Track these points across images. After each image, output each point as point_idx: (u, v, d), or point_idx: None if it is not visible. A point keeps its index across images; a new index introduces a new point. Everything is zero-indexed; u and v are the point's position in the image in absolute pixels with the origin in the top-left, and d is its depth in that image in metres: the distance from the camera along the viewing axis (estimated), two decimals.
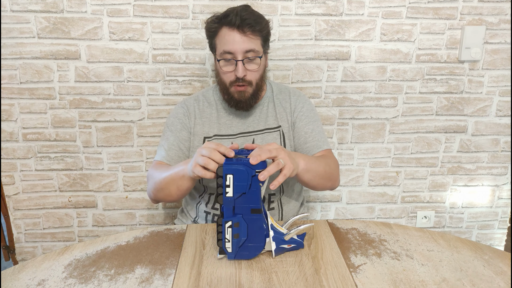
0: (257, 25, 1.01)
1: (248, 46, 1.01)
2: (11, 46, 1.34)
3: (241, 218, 0.78)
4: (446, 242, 0.87)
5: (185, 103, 1.16)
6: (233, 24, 1.00)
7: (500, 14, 1.40)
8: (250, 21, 1.00)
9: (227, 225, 0.77)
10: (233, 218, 0.77)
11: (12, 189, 1.47)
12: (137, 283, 0.74)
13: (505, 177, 1.57)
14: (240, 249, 0.79)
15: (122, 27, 1.35)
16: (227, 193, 0.76)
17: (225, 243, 0.78)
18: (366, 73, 1.44)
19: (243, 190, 0.76)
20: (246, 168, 0.75)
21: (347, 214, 1.60)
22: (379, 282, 0.73)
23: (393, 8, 1.38)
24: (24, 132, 1.42)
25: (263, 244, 0.80)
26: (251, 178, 0.75)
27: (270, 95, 1.16)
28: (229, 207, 0.77)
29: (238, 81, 1.03)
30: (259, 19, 1.03)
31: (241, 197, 0.76)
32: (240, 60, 1.01)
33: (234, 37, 1.01)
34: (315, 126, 1.13)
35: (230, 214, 0.78)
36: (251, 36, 1.01)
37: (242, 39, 1.01)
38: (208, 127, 1.12)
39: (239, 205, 0.77)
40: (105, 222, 1.53)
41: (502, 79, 1.47)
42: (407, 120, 1.50)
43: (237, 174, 0.75)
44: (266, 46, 1.09)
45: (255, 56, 1.03)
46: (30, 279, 0.76)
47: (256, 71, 1.05)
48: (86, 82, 1.39)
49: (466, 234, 1.64)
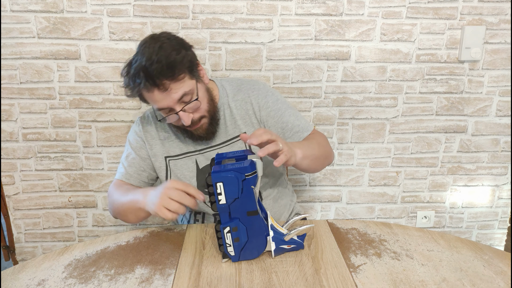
0: (174, 71, 0.89)
1: (177, 95, 0.91)
2: (11, 46, 1.34)
3: (239, 222, 0.77)
4: (446, 242, 0.87)
5: (141, 122, 1.08)
6: (149, 86, 0.89)
7: (500, 14, 1.40)
8: (163, 73, 0.87)
9: (226, 231, 0.77)
10: (231, 223, 0.77)
11: (12, 189, 1.47)
12: (137, 283, 0.74)
13: (505, 177, 1.57)
14: (243, 251, 0.79)
15: (122, 27, 1.35)
16: (220, 200, 0.75)
17: (227, 248, 0.78)
18: (366, 73, 1.44)
19: (236, 196, 0.75)
20: (235, 174, 0.73)
21: (347, 214, 1.60)
22: (379, 282, 0.73)
23: (393, 8, 1.38)
24: (24, 132, 1.42)
25: (264, 244, 0.80)
26: (241, 182, 0.74)
27: (225, 101, 1.06)
28: (225, 213, 0.76)
29: (190, 126, 0.96)
30: (172, 62, 0.88)
31: (235, 202, 0.75)
32: (179, 110, 0.92)
33: (158, 97, 0.90)
34: (289, 114, 1.06)
35: (227, 219, 0.77)
36: (174, 86, 0.90)
37: (167, 95, 0.90)
38: (168, 146, 1.06)
39: (234, 209, 0.76)
40: (105, 222, 1.53)
41: (502, 79, 1.47)
42: (407, 120, 1.50)
43: (226, 180, 0.73)
44: (195, 72, 0.96)
45: (191, 98, 0.93)
46: (30, 279, 0.76)
47: (200, 107, 0.96)
48: (86, 82, 1.39)
49: (466, 234, 1.64)
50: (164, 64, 0.88)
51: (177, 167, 1.05)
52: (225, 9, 1.35)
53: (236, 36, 1.38)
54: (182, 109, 0.93)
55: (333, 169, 1.54)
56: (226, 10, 1.35)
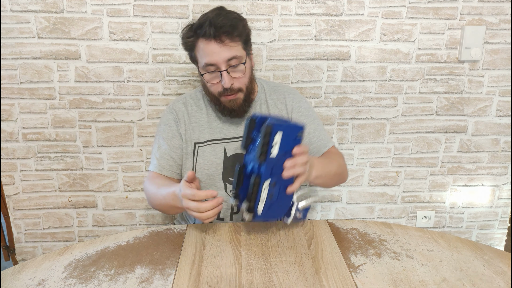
0: (234, 31, 0.96)
1: (229, 54, 0.96)
2: (11, 46, 1.34)
3: (278, 179, 0.79)
4: (446, 242, 0.87)
5: (174, 108, 1.11)
6: (209, 35, 0.95)
7: (500, 14, 1.40)
8: (226, 28, 0.95)
9: (266, 184, 0.78)
10: (271, 178, 0.78)
11: (12, 189, 1.47)
12: (137, 283, 0.74)
13: (505, 177, 1.57)
14: (270, 210, 0.80)
15: (122, 27, 1.35)
16: (272, 152, 0.77)
17: (258, 203, 0.79)
18: (366, 73, 1.44)
19: (286, 149, 0.78)
20: (295, 128, 0.78)
21: (347, 214, 1.60)
22: (379, 282, 0.73)
23: (393, 8, 1.38)
24: (24, 132, 1.42)
25: (287, 208, 0.82)
26: (295, 138, 0.78)
27: (263, 97, 1.12)
28: (269, 167, 0.78)
29: (226, 92, 0.99)
30: (235, 23, 0.97)
31: (281, 158, 0.78)
32: (224, 70, 0.97)
33: (213, 49, 0.96)
34: (316, 125, 1.11)
35: (268, 174, 0.78)
36: (230, 44, 0.96)
37: (221, 49, 0.95)
38: (199, 132, 1.08)
39: (277, 166, 0.78)
40: (105, 222, 1.53)
41: (502, 79, 1.47)
42: (407, 120, 1.50)
43: (286, 131, 0.77)
44: (248, 48, 1.04)
45: (239, 62, 0.98)
46: (30, 279, 0.76)
47: (242, 77, 1.01)
48: (86, 82, 1.39)
49: (466, 234, 1.64)
50: (229, 22, 0.95)
51: (205, 153, 1.07)
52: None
53: None
54: (227, 70, 0.97)
55: None
56: None
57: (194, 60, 1.04)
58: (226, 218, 1.08)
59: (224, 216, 1.07)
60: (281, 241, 0.87)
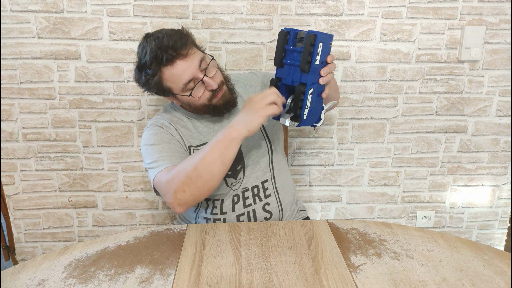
0: (186, 41, 0.97)
1: (197, 61, 0.97)
2: (11, 46, 1.34)
3: (317, 86, 0.87)
4: (446, 242, 0.87)
5: (157, 124, 1.06)
6: (171, 58, 0.94)
7: (500, 14, 1.40)
8: (179, 43, 0.95)
9: (310, 92, 0.86)
10: (313, 86, 0.86)
11: (12, 189, 1.47)
12: (137, 283, 0.74)
13: (505, 177, 1.57)
14: (309, 116, 0.89)
15: (122, 27, 1.35)
16: (316, 60, 0.83)
17: (304, 110, 0.87)
18: (366, 73, 1.44)
19: (325, 57, 0.85)
20: (331, 37, 0.86)
21: (347, 214, 1.60)
22: (379, 282, 0.73)
23: (393, 8, 1.38)
24: (24, 132, 1.42)
25: (320, 112, 0.91)
26: (329, 46, 0.87)
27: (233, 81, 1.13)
28: (314, 74, 0.84)
29: (216, 92, 1.00)
30: (180, 35, 0.97)
31: (319, 66, 0.85)
32: (203, 76, 0.98)
33: (182, 66, 0.95)
34: None
35: (311, 82, 0.85)
36: (190, 53, 0.97)
37: (188, 62, 0.96)
38: (190, 137, 1.07)
39: (316, 74, 0.86)
40: (105, 222, 1.53)
41: (502, 79, 1.47)
42: (407, 120, 1.50)
43: (326, 41, 0.84)
44: (200, 48, 1.04)
45: (207, 62, 0.99)
46: (30, 279, 0.76)
47: (217, 72, 1.02)
48: (86, 82, 1.39)
49: (466, 234, 1.64)
50: (176, 36, 0.95)
51: None
52: (225, 9, 1.35)
53: (236, 36, 1.38)
54: (205, 74, 0.98)
55: (333, 169, 1.54)
56: (226, 10, 1.35)
57: (165, 92, 1.02)
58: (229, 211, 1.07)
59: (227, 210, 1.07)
60: (281, 241, 0.87)
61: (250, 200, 1.07)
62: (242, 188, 1.07)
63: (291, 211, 1.13)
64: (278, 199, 1.10)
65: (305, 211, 1.22)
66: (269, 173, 1.10)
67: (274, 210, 1.08)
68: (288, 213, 1.12)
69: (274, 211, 1.08)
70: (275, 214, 1.09)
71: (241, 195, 1.07)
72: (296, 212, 1.17)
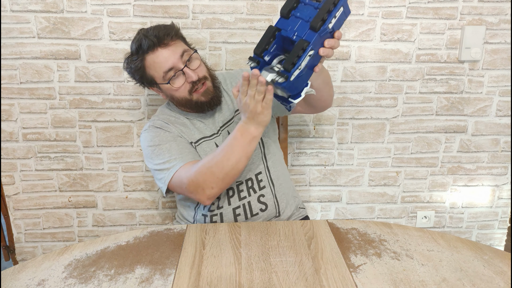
0: (171, 31, 1.01)
1: (179, 51, 1.01)
2: (11, 46, 1.34)
3: (315, 54, 0.79)
4: (446, 242, 0.87)
5: (155, 126, 1.08)
6: (153, 45, 0.99)
7: (500, 14, 1.40)
8: (163, 32, 1.00)
9: (310, 53, 0.78)
10: (315, 49, 0.78)
11: (12, 189, 1.47)
12: (137, 283, 0.74)
13: (505, 177, 1.57)
14: (294, 82, 0.79)
15: (122, 27, 1.35)
16: (331, 23, 0.77)
17: (295, 70, 0.78)
18: (366, 73, 1.44)
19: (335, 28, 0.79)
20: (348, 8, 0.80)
21: (347, 214, 1.60)
22: (379, 282, 0.73)
23: (393, 8, 1.38)
24: (24, 132, 1.42)
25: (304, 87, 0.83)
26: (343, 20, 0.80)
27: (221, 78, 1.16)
28: (319, 38, 0.78)
29: (196, 85, 1.02)
30: (167, 27, 1.02)
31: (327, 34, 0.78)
32: (183, 67, 1.01)
33: (163, 54, 1.00)
34: None
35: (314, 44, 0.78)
36: (174, 43, 1.01)
37: (169, 51, 1.00)
38: (190, 134, 1.09)
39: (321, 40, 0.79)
40: (105, 222, 1.53)
41: (502, 79, 1.47)
42: (407, 120, 1.50)
43: (345, 9, 0.78)
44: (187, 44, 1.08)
45: (190, 54, 1.03)
46: (30, 279, 0.76)
47: (201, 65, 1.04)
48: (86, 82, 1.39)
49: (466, 234, 1.64)
50: (162, 28, 1.01)
51: (203, 148, 1.08)
52: (225, 9, 1.35)
53: (236, 36, 1.38)
54: (186, 65, 1.01)
55: (333, 169, 1.54)
56: (226, 10, 1.35)
57: (150, 81, 1.06)
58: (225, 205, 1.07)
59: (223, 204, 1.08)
60: (281, 241, 0.87)
61: (244, 192, 1.08)
62: (236, 181, 1.08)
63: (286, 202, 1.13)
64: (273, 190, 1.11)
65: (305, 209, 1.23)
66: (262, 166, 1.11)
67: (269, 202, 1.09)
68: (284, 204, 1.12)
69: (269, 203, 1.09)
70: (270, 206, 1.09)
71: (235, 188, 1.08)
72: (295, 209, 1.17)
